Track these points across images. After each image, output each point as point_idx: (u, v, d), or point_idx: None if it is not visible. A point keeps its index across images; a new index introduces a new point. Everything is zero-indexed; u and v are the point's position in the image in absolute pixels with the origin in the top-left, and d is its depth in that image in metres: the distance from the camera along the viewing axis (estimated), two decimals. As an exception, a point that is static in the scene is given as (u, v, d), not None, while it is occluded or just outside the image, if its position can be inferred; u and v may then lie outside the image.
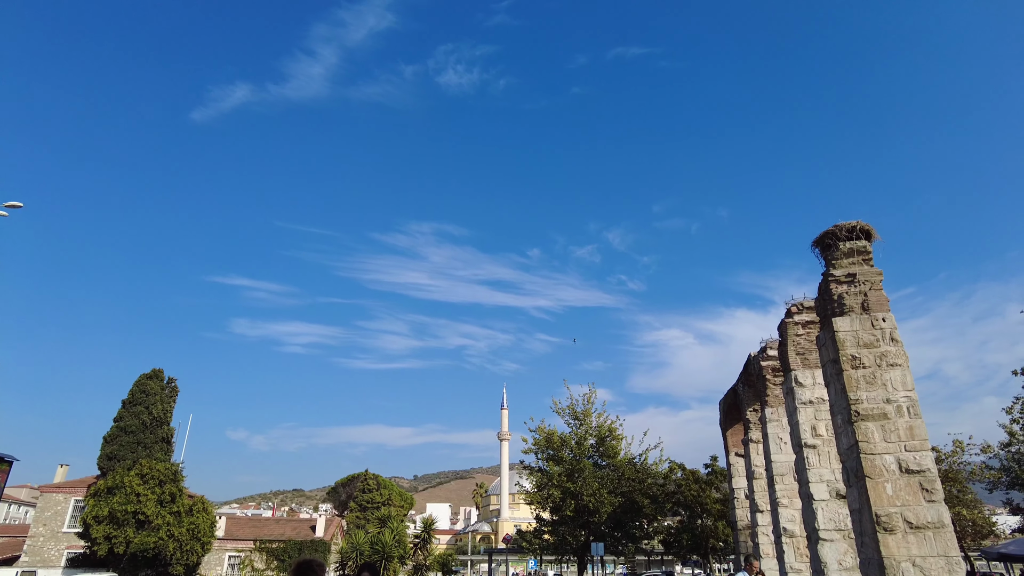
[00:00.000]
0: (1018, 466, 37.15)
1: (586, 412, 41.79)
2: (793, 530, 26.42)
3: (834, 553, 21.81)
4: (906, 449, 17.49)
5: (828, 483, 22.60)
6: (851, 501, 18.97)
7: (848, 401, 18.11)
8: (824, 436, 22.91)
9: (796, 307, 24.41)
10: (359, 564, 6.67)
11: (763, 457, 29.63)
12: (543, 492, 40.49)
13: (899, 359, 18.48)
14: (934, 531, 16.74)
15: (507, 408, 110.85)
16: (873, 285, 19.26)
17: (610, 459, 41.36)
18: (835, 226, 19.62)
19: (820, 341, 21.02)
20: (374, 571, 6.78)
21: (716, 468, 54.22)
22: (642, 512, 41.98)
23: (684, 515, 53.10)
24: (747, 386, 33.11)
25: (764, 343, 29.24)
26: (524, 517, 76.06)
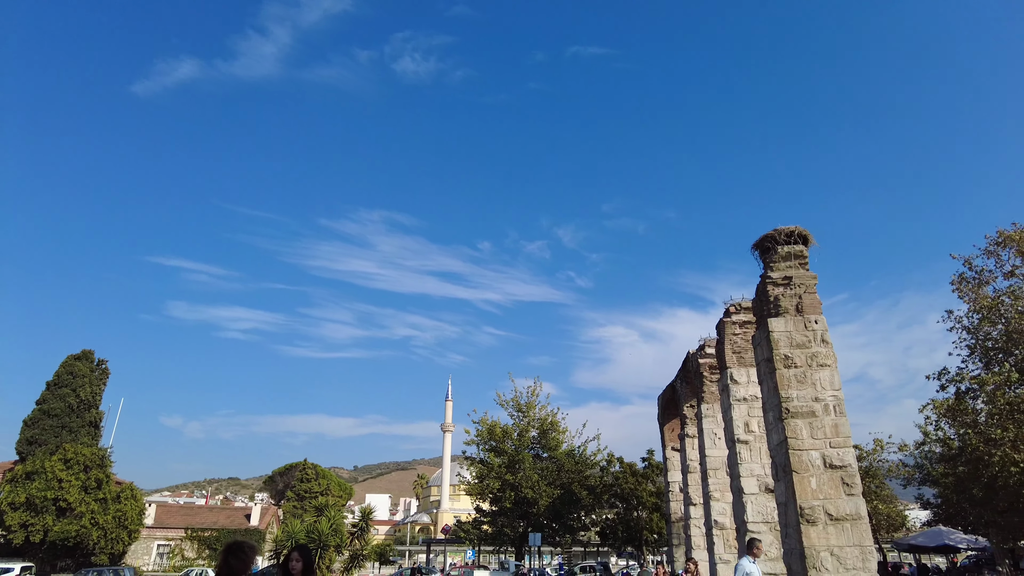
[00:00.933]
0: (930, 464, 39.40)
1: (530, 405, 42.15)
2: (724, 523, 27.30)
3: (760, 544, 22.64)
4: (831, 446, 18.29)
5: (758, 477, 23.44)
6: (778, 495, 19.73)
7: (780, 399, 18.80)
8: (756, 432, 23.73)
9: (734, 307, 25.14)
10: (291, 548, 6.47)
11: (698, 452, 30.47)
12: (484, 483, 40.64)
13: (829, 360, 19.28)
14: (852, 523, 17.59)
15: (451, 400, 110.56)
16: (808, 288, 20.00)
17: (551, 451, 41.84)
18: (774, 230, 20.25)
19: (755, 341, 21.73)
20: (306, 553, 6.60)
21: (652, 462, 55.52)
22: (580, 504, 42.64)
23: (620, 507, 54.18)
24: (685, 383, 33.97)
25: (703, 341, 30.01)
26: (464, 508, 76.22)
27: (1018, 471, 25.39)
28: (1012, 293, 29.89)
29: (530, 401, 42.66)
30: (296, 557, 6.42)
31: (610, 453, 51.37)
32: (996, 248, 30.69)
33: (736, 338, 25.04)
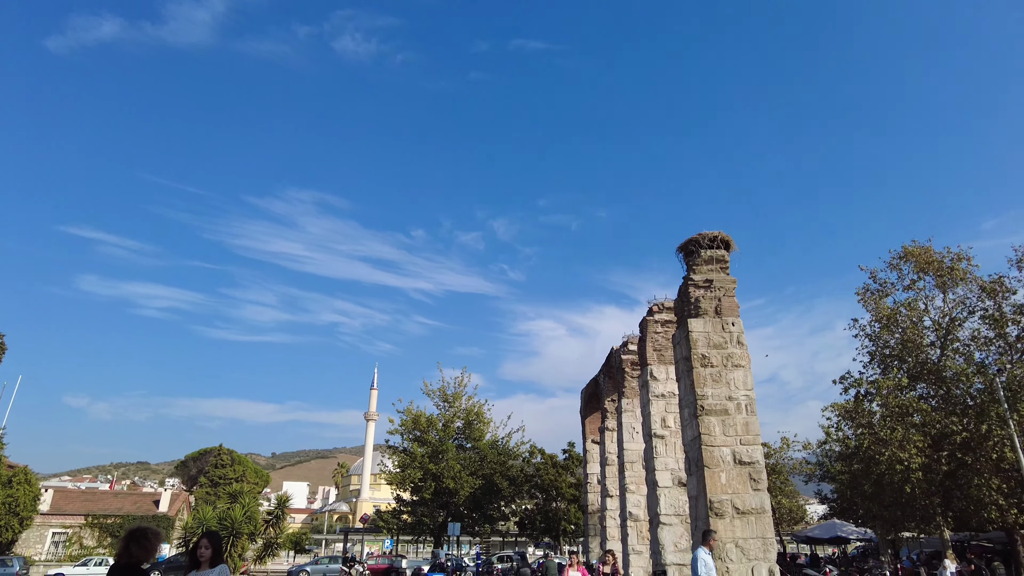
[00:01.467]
0: (829, 462, 42.02)
1: (456, 395, 42.18)
2: (638, 514, 28.22)
3: (671, 536, 23.59)
4: (741, 443, 19.19)
5: (672, 471, 24.34)
6: (690, 488, 20.56)
7: (695, 396, 19.56)
8: (672, 428, 24.61)
9: (657, 307, 25.93)
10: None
11: (617, 445, 31.31)
12: (406, 473, 40.42)
13: (743, 361, 20.19)
14: (756, 516, 18.55)
15: (377, 389, 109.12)
16: (727, 292, 20.85)
17: (475, 442, 42.06)
18: (699, 234, 20.96)
19: (676, 339, 22.50)
20: (215, 540, 6.38)
21: (573, 454, 56.66)
22: (501, 494, 43.07)
23: (540, 498, 55.09)
24: (608, 378, 34.80)
25: (626, 338, 30.81)
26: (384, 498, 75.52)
27: (902, 469, 27.41)
28: (908, 305, 32.14)
29: (457, 392, 42.71)
30: (205, 544, 6.24)
31: (533, 445, 52.16)
32: (899, 263, 32.89)
33: (658, 336, 25.84)
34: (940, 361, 30.56)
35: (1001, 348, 29.94)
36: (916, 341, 31.22)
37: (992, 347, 30.25)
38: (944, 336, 31.25)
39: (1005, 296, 30.09)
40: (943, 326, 31.42)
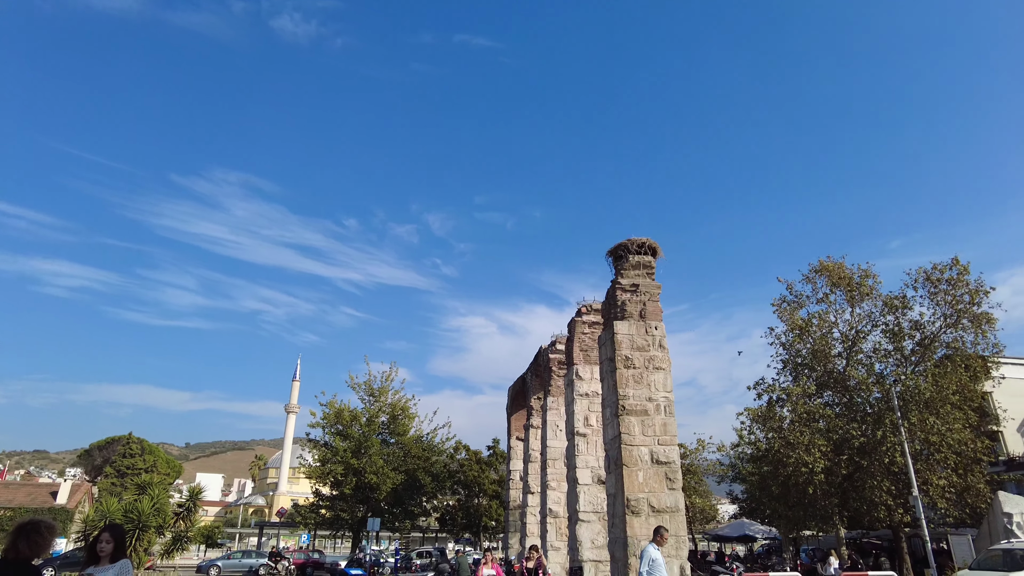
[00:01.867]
0: (741, 463, 44.04)
1: (383, 390, 41.66)
2: (558, 511, 28.74)
3: (589, 533, 24.17)
4: (659, 443, 19.87)
5: (592, 469, 24.93)
6: (609, 486, 21.13)
7: (618, 397, 20.12)
8: (594, 426, 25.20)
9: (585, 308, 26.48)
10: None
11: (540, 442, 31.78)
12: (326, 467, 39.69)
13: (664, 364, 20.91)
14: (671, 515, 19.26)
15: (299, 380, 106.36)
16: (652, 296, 21.53)
17: (399, 437, 41.69)
18: (628, 240, 21.55)
19: (601, 340, 23.06)
20: (118, 533, 6.09)
21: (497, 450, 57.07)
22: (423, 490, 42.92)
23: (463, 494, 55.21)
24: (535, 376, 35.25)
25: (554, 338, 31.29)
26: (303, 492, 73.84)
27: (807, 471, 29.06)
28: (820, 317, 34.07)
29: (383, 386, 42.14)
30: (106, 538, 5.94)
31: (458, 441, 52.19)
32: (814, 276, 34.79)
33: (585, 337, 26.39)
34: (845, 371, 32.52)
35: (898, 360, 32.16)
36: (825, 351, 33.11)
37: (890, 359, 32.46)
38: (850, 348, 33.27)
39: (904, 312, 32.32)
40: (850, 338, 33.45)
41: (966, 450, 29.38)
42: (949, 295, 31.28)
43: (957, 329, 31.40)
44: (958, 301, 31.10)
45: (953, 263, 31.71)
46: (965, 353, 31.59)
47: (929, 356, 31.64)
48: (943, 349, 31.86)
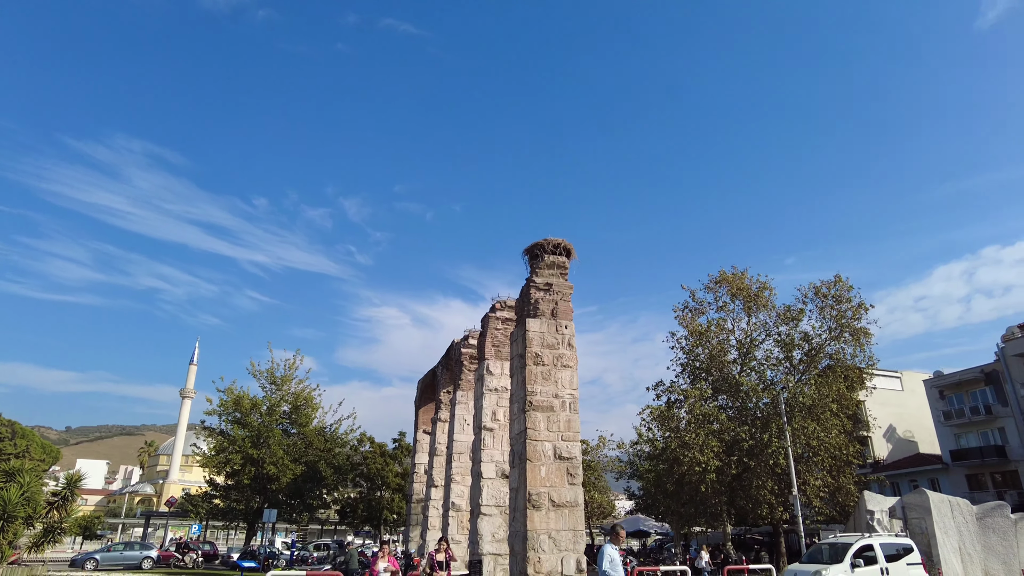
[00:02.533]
0: (639, 461, 45.85)
1: (286, 378, 40.36)
2: (460, 504, 28.90)
3: (490, 526, 24.48)
4: (563, 439, 20.40)
5: (497, 464, 25.25)
6: (512, 480, 21.48)
7: (526, 392, 20.48)
8: (501, 421, 25.53)
9: (500, 304, 26.75)
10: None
11: (447, 436, 31.82)
12: (222, 456, 38.06)
13: (571, 362, 21.48)
14: (570, 510, 19.83)
15: (197, 364, 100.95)
16: (564, 296, 22.05)
17: (301, 427, 40.54)
18: (544, 240, 21.96)
19: (513, 337, 23.40)
20: None
21: (403, 443, 56.60)
22: (324, 482, 41.96)
23: (365, 487, 54.39)
24: (446, 369, 35.24)
25: (467, 332, 31.41)
26: (196, 481, 70.43)
27: (700, 470, 30.66)
28: (718, 324, 35.97)
29: (287, 375, 40.78)
30: None
31: (363, 433, 51.33)
32: (715, 286, 36.66)
33: (497, 333, 26.66)
34: (739, 377, 34.49)
35: (787, 369, 34.46)
36: (721, 357, 35.01)
37: (780, 368, 34.73)
38: (744, 355, 35.33)
39: (795, 324, 34.66)
40: (744, 346, 35.51)
41: (840, 454, 31.87)
42: (835, 310, 33.84)
43: (839, 342, 34.03)
44: (842, 316, 33.69)
45: (836, 280, 34.32)
46: (845, 364, 34.29)
47: (814, 366, 34.10)
48: (827, 360, 34.42)
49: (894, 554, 20.31)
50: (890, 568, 19.58)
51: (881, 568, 18.73)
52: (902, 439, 53.35)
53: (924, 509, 26.45)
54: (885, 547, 20.51)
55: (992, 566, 26.52)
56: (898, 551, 20.33)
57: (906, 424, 53.46)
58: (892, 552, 20.43)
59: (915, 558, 20.38)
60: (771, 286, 36.04)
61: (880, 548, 20.20)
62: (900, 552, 20.34)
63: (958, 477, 45.33)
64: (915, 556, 20.44)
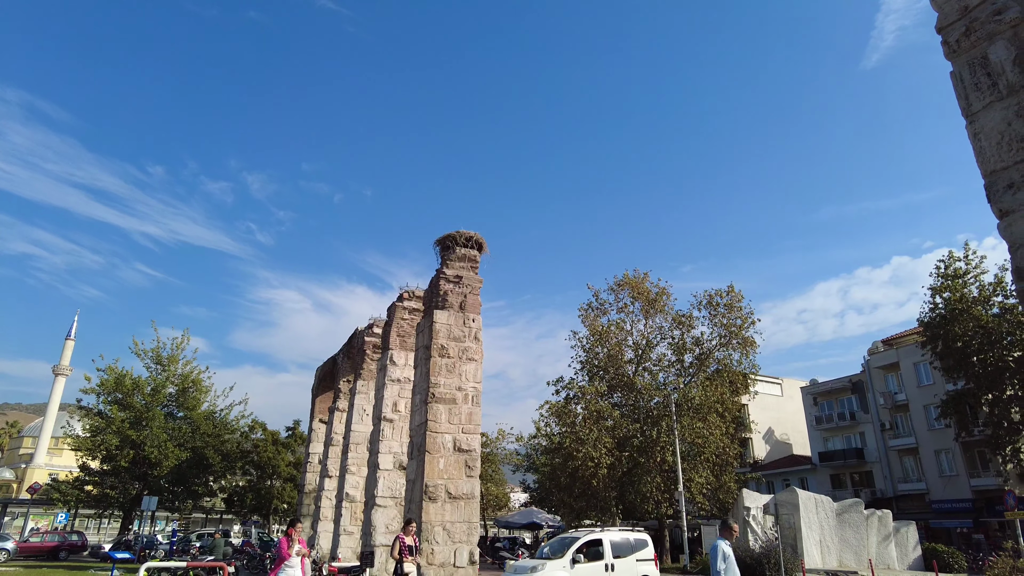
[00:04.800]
0: (536, 455, 46.88)
1: (172, 359, 38.18)
2: (355, 495, 28.47)
3: (384, 518, 24.29)
4: (463, 431, 20.58)
5: (395, 455, 25.08)
6: (410, 472, 21.44)
7: (429, 384, 20.49)
8: (402, 412, 25.37)
9: (408, 293, 26.55)
10: None
11: (345, 426, 31.25)
12: (98, 438, 35.52)
13: (477, 356, 21.68)
14: (466, 502, 20.04)
15: (74, 340, 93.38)
16: (473, 290, 22.22)
17: (188, 411, 38.53)
18: (456, 232, 22.04)
19: (420, 328, 23.32)
20: None
21: (297, 432, 54.96)
22: (211, 469, 40.11)
23: (255, 475, 52.42)
24: (347, 358, 34.56)
25: (372, 320, 30.95)
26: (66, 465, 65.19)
27: (593, 465, 31.76)
28: (618, 325, 37.37)
29: (173, 355, 38.60)
30: None
31: (255, 419, 49.38)
32: (617, 288, 38.05)
33: (404, 323, 26.45)
34: (634, 376, 35.97)
35: (679, 371, 36.30)
36: (618, 357, 36.41)
37: (672, 369, 36.53)
38: (640, 356, 36.88)
39: (688, 329, 36.54)
40: (641, 347, 37.07)
41: (723, 453, 33.93)
42: (726, 318, 35.97)
43: (728, 348, 36.22)
44: (732, 324, 35.87)
45: (729, 290, 36.51)
46: (731, 370, 36.53)
47: (703, 370, 36.11)
48: (715, 364, 36.53)
49: (626, 549, 19.44)
50: (616, 564, 18.70)
51: (607, 564, 17.51)
52: (779, 441, 57.43)
53: (793, 506, 28.65)
54: (616, 543, 19.73)
55: (846, 557, 29.14)
56: (631, 546, 19.49)
57: (783, 427, 57.59)
58: (624, 547, 19.63)
59: (647, 554, 19.64)
60: (669, 291, 37.82)
61: (609, 543, 19.41)
62: (632, 547, 19.49)
63: (824, 476, 49.35)
64: (647, 552, 19.73)
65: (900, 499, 43.73)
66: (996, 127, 5.15)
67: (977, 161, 5.62)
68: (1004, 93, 4.90)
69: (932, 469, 42.62)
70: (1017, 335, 32.61)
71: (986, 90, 5.02)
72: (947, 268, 36.42)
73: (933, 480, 42.38)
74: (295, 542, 10.78)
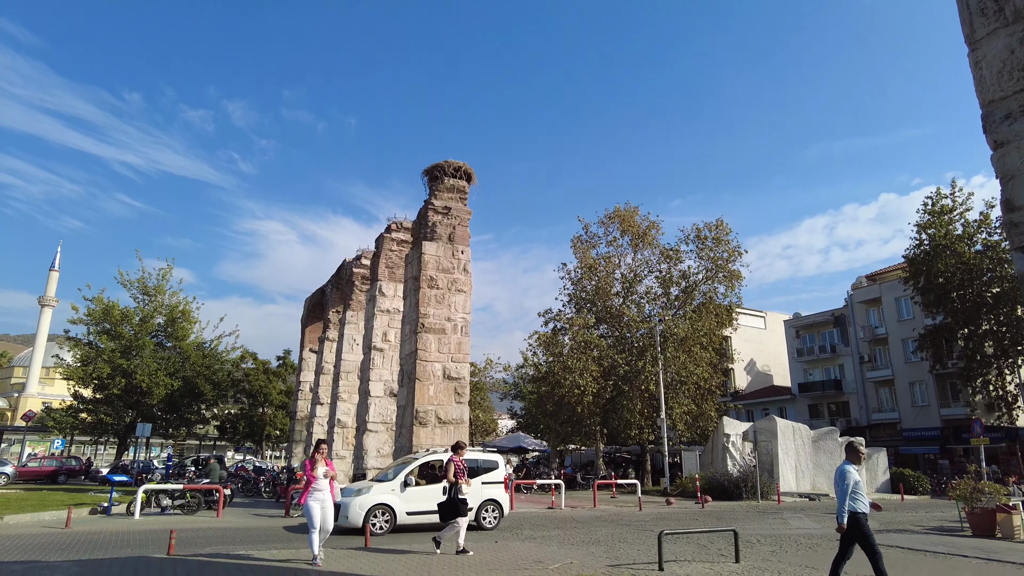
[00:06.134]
0: (523, 383, 47.94)
1: (159, 289, 37.99)
2: (346, 421, 29.16)
3: (375, 442, 24.98)
4: (452, 360, 20.95)
5: (385, 383, 25.56)
6: (400, 399, 21.92)
7: (419, 314, 20.71)
8: (392, 342, 25.70)
9: (396, 224, 26.40)
10: None
11: (335, 355, 31.65)
12: (89, 368, 35.72)
13: (465, 287, 21.83)
14: (455, 426, 20.62)
15: (59, 271, 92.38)
16: (462, 221, 22.13)
17: (177, 341, 38.67)
18: (445, 161, 21.75)
19: (409, 259, 23.35)
20: None
21: (288, 361, 55.59)
22: (202, 397, 40.67)
23: (247, 403, 53.27)
24: (336, 288, 34.64)
25: (360, 252, 30.87)
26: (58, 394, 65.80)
27: (579, 392, 32.57)
28: (607, 258, 37.55)
29: (159, 285, 38.36)
30: None
31: (245, 349, 49.75)
32: (607, 221, 37.99)
33: (392, 254, 26.42)
34: (620, 308, 36.43)
35: (664, 304, 36.76)
36: (606, 290, 36.77)
37: (658, 302, 36.97)
38: (627, 288, 37.24)
39: (676, 263, 36.81)
40: (628, 280, 37.38)
41: (705, 384, 34.83)
42: (713, 252, 36.21)
43: (714, 282, 36.62)
44: (718, 258, 36.14)
45: (718, 224, 36.59)
46: (716, 303, 37.05)
47: (689, 303, 36.60)
48: (700, 297, 37.01)
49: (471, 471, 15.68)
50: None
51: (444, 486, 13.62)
52: (760, 372, 58.94)
53: (771, 433, 29.71)
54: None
55: (819, 481, 30.49)
56: (478, 468, 16.70)
57: (765, 359, 58.99)
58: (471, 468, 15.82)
59: (495, 476, 17.06)
60: (659, 225, 37.85)
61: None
62: (479, 468, 16.76)
63: (802, 406, 50.99)
64: (496, 475, 17.11)
65: (873, 427, 45.42)
66: (999, 55, 5.10)
67: (976, 91, 5.58)
68: (1010, 19, 4.83)
69: (905, 399, 44.11)
70: (997, 271, 33.18)
71: (992, 15, 4.94)
72: (934, 205, 36.61)
73: (906, 410, 43.93)
74: (321, 463, 9.99)
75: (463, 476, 11.61)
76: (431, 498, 14.15)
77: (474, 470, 16.12)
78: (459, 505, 11.19)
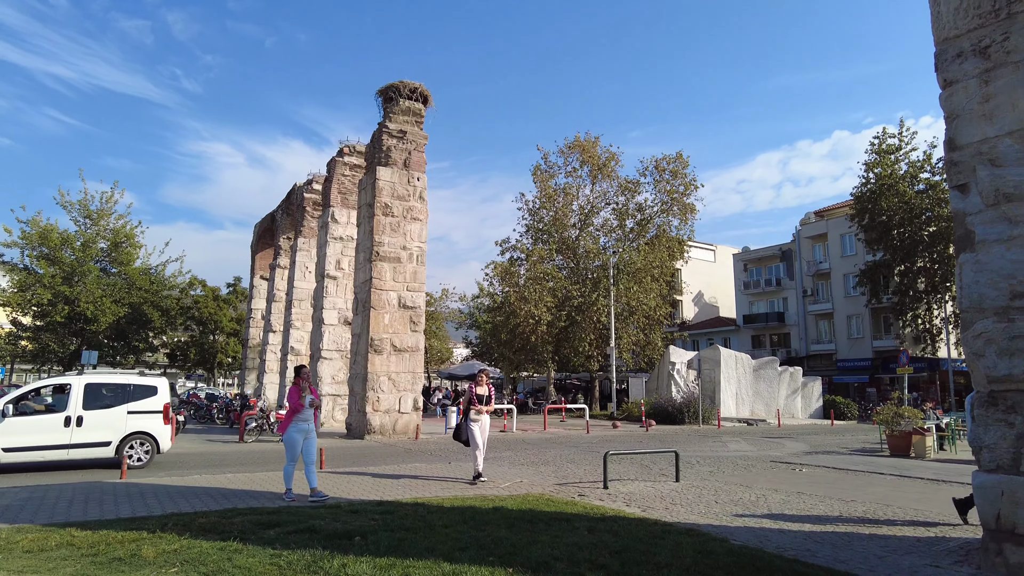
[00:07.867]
0: (478, 313, 48.40)
1: (102, 212, 36.31)
2: (300, 349, 29.05)
3: (330, 369, 25.07)
4: (408, 289, 20.90)
5: (339, 311, 25.42)
6: (355, 327, 21.88)
7: (373, 243, 20.43)
8: (345, 270, 25.41)
9: (348, 148, 25.63)
10: None
11: (287, 283, 31.15)
12: (27, 294, 34.29)
13: (421, 215, 21.55)
14: (411, 354, 20.80)
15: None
16: (418, 146, 21.60)
17: (122, 267, 37.36)
18: (400, 82, 20.96)
19: (362, 185, 22.79)
20: None
21: (238, 288, 54.59)
22: (150, 325, 39.76)
23: (197, 331, 52.42)
24: (287, 215, 33.76)
25: (311, 176, 29.98)
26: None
27: (534, 322, 33.11)
28: (566, 189, 37.46)
29: (103, 209, 36.65)
30: None
31: (193, 276, 48.50)
32: (568, 151, 37.66)
33: (345, 179, 25.76)
34: (577, 240, 36.69)
35: (619, 237, 37.16)
36: (563, 221, 36.86)
37: (613, 235, 37.35)
38: (584, 220, 37.41)
39: (632, 196, 37.01)
40: (586, 212, 37.51)
41: (653, 314, 35.77)
42: (670, 184, 36.49)
43: (669, 215, 37.09)
44: (675, 191, 36.48)
45: (677, 156, 36.74)
46: (669, 236, 37.65)
47: (643, 235, 37.09)
48: (654, 230, 37.52)
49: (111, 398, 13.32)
50: (88, 416, 12.78)
51: (68, 416, 12.41)
52: (708, 304, 60.80)
53: (715, 362, 30.96)
54: (93, 388, 13.26)
55: (758, 407, 32.17)
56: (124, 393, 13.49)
57: (713, 291, 60.76)
58: (109, 396, 13.35)
59: (150, 405, 13.55)
60: (618, 157, 37.76)
61: (81, 389, 13.02)
62: (125, 394, 13.47)
63: (746, 337, 53.10)
64: (151, 403, 13.58)
65: (811, 358, 47.81)
66: (955, -9, 5.14)
67: (932, 28, 5.65)
68: (969, -45, 4.86)
69: (843, 332, 46.38)
70: (935, 211, 34.51)
71: (952, -50, 4.96)
72: (880, 144, 37.44)
73: (842, 341, 46.26)
74: (307, 391, 8.97)
75: (476, 404, 10.70)
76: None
77: (114, 396, 13.27)
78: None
